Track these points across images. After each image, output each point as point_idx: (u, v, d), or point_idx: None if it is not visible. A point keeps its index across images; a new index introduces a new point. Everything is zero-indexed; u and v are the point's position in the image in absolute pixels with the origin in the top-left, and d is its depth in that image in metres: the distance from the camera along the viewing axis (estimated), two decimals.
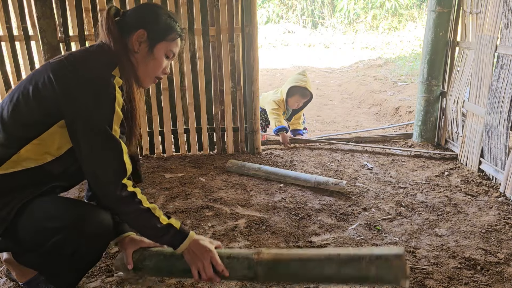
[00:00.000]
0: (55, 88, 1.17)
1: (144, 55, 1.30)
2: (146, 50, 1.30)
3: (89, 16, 2.54)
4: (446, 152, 2.89)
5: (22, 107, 1.20)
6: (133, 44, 1.28)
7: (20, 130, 1.20)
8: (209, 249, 1.27)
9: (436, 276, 1.54)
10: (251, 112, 2.84)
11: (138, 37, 1.28)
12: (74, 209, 1.25)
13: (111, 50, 1.25)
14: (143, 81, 1.34)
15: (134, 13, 1.33)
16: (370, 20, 12.06)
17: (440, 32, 2.87)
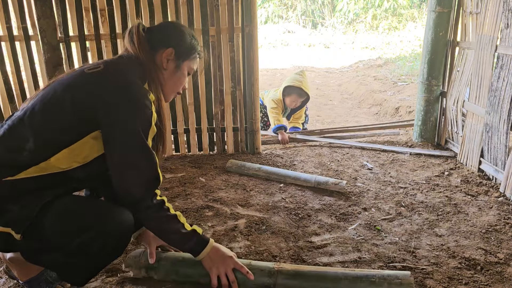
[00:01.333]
0: (95, 98, 1.20)
1: (171, 72, 1.38)
2: (173, 68, 1.38)
3: (89, 16, 2.54)
4: (446, 152, 2.89)
5: (58, 116, 1.21)
6: (162, 61, 1.35)
7: (53, 138, 1.20)
8: (231, 255, 1.35)
9: (436, 276, 1.54)
10: (251, 112, 2.84)
11: (167, 55, 1.35)
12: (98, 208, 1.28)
13: (142, 65, 1.31)
14: (167, 96, 1.41)
15: (162, 30, 1.41)
16: (370, 20, 12.06)
17: (440, 32, 2.87)
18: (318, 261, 1.64)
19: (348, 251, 1.70)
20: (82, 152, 1.23)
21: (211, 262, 1.33)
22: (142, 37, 1.33)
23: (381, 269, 1.58)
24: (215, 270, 1.33)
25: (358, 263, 1.62)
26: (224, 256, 1.34)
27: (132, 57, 1.33)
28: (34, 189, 1.21)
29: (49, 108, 1.21)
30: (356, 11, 12.38)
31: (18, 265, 1.39)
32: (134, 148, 1.22)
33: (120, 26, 2.55)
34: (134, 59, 1.32)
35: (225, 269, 1.32)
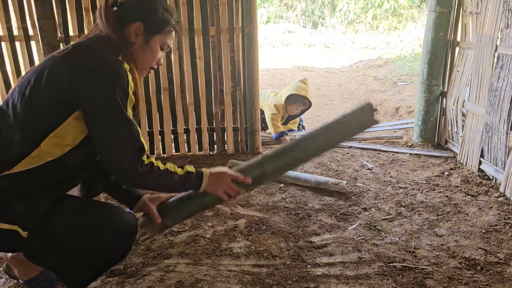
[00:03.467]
0: (70, 77, 1.20)
1: (140, 47, 1.35)
2: (142, 42, 1.35)
3: (89, 16, 2.54)
4: (446, 152, 2.89)
5: (37, 102, 1.21)
6: (130, 36, 1.33)
7: (36, 125, 1.21)
8: (223, 171, 1.41)
9: (436, 276, 1.54)
10: (251, 112, 2.84)
11: (135, 29, 1.32)
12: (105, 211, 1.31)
13: (111, 40, 1.30)
14: (140, 71, 1.40)
15: (132, 4, 1.36)
16: (370, 20, 12.06)
17: (440, 32, 2.87)
18: (318, 261, 1.64)
19: (348, 251, 1.70)
20: (68, 134, 1.23)
21: (213, 187, 1.40)
22: (110, 13, 1.32)
23: (381, 269, 1.58)
24: (220, 190, 1.40)
25: (358, 263, 1.62)
26: (220, 175, 1.41)
27: (101, 35, 1.32)
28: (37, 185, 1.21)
29: (27, 97, 1.21)
30: (356, 11, 12.38)
31: (19, 264, 1.39)
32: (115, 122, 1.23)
33: None
34: (104, 36, 1.31)
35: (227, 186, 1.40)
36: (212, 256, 1.67)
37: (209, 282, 1.49)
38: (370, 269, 1.58)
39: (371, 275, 1.55)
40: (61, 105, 1.21)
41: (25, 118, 1.21)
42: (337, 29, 12.45)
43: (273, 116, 3.30)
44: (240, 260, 1.64)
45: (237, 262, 1.63)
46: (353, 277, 1.54)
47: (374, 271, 1.57)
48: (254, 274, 1.55)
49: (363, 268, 1.59)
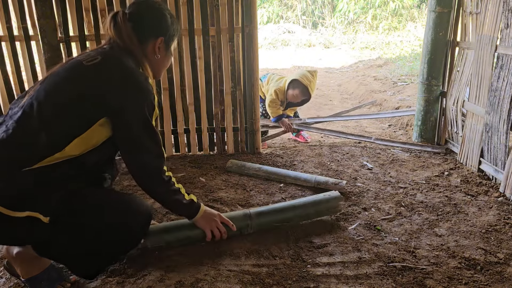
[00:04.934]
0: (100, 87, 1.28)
1: (162, 57, 1.50)
2: (164, 53, 1.50)
3: (89, 16, 2.54)
4: (446, 152, 2.89)
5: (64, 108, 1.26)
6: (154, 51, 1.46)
7: (62, 130, 1.26)
8: (217, 213, 1.63)
9: (436, 276, 1.54)
10: (251, 112, 2.84)
11: (158, 44, 1.46)
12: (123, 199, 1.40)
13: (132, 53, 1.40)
14: (158, 75, 1.56)
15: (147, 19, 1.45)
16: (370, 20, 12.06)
17: (440, 32, 2.87)
18: (318, 261, 1.64)
19: (348, 251, 1.70)
20: (92, 139, 1.30)
21: (203, 222, 1.59)
22: (129, 29, 1.39)
23: (381, 269, 1.59)
24: (208, 226, 1.59)
25: (358, 263, 1.62)
26: (212, 215, 1.61)
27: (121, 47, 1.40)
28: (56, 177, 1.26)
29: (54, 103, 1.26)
30: (356, 11, 12.38)
31: (22, 261, 1.40)
32: (143, 132, 1.34)
33: None
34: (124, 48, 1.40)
35: (215, 224, 1.60)
36: (212, 256, 1.67)
37: (209, 282, 1.49)
38: (370, 269, 1.58)
39: (371, 275, 1.55)
40: (89, 113, 1.28)
41: (53, 122, 1.25)
42: (337, 29, 12.45)
43: (271, 103, 3.38)
44: (240, 260, 1.64)
45: (237, 262, 1.63)
46: (353, 277, 1.54)
47: (374, 271, 1.57)
48: (254, 274, 1.55)
49: (363, 268, 1.59)
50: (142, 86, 1.32)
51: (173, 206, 1.54)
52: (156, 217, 1.95)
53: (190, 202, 1.54)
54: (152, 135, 1.36)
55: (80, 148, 1.28)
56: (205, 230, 1.60)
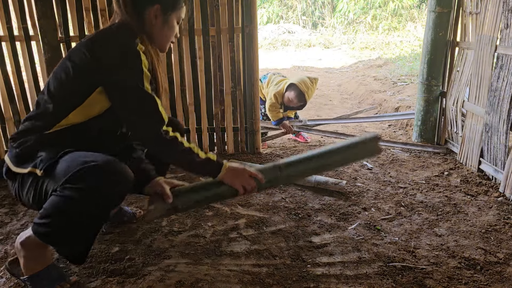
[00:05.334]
0: (89, 58, 1.37)
1: (160, 26, 1.48)
2: (161, 22, 1.48)
3: (89, 16, 2.54)
4: (446, 152, 2.89)
5: (65, 81, 1.40)
6: (150, 19, 1.46)
7: (65, 100, 1.41)
8: (242, 167, 1.57)
9: (436, 276, 1.54)
10: (251, 112, 2.84)
11: (154, 12, 1.45)
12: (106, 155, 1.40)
13: (129, 24, 1.44)
14: (162, 47, 1.54)
15: None
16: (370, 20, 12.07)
17: (440, 32, 2.87)
18: (318, 261, 1.64)
19: (348, 251, 1.71)
20: (93, 107, 1.42)
21: (231, 178, 1.54)
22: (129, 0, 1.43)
23: (381, 269, 1.59)
24: (237, 182, 1.54)
25: (358, 263, 1.63)
26: (239, 170, 1.55)
27: (121, 20, 1.45)
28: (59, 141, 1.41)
29: (57, 77, 1.42)
30: (356, 11, 12.38)
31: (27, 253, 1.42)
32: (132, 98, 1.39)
33: None
34: (124, 20, 1.44)
35: (244, 179, 1.54)
36: (212, 256, 1.67)
37: (209, 282, 1.50)
38: (370, 269, 1.59)
39: (371, 274, 1.55)
40: (84, 83, 1.39)
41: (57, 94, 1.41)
42: (337, 29, 12.46)
43: (271, 107, 3.39)
44: (240, 260, 1.64)
45: (237, 262, 1.63)
46: (353, 276, 1.54)
47: (374, 271, 1.57)
48: (254, 274, 1.55)
49: (363, 268, 1.59)
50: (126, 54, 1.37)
51: (189, 166, 1.52)
52: None
53: (206, 160, 1.50)
54: (146, 101, 1.40)
55: (83, 116, 1.41)
56: (234, 186, 1.54)
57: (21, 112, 2.61)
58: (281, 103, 3.42)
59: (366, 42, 10.73)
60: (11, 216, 2.10)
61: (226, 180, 1.54)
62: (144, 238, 1.80)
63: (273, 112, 3.39)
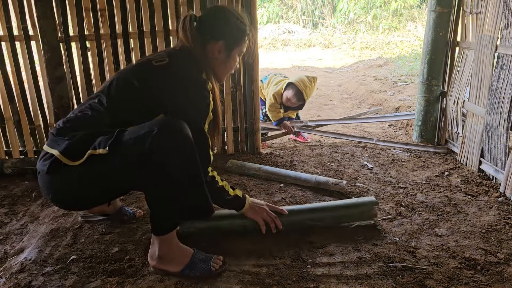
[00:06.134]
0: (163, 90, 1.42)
1: (223, 61, 1.55)
2: (224, 57, 1.55)
3: (89, 16, 2.54)
4: (446, 152, 2.89)
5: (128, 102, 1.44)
6: (213, 53, 1.52)
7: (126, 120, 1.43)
8: (264, 202, 1.76)
9: (436, 276, 1.54)
10: (251, 112, 2.84)
11: (218, 47, 1.52)
12: None
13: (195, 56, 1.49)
14: (221, 79, 1.62)
15: (211, 22, 1.54)
16: (370, 20, 12.06)
17: (440, 32, 2.87)
18: (318, 261, 1.64)
19: (348, 251, 1.70)
20: None
21: (252, 213, 1.71)
22: (193, 30, 1.48)
23: (381, 269, 1.59)
24: (259, 216, 1.71)
25: (358, 263, 1.62)
26: (259, 205, 1.74)
27: (187, 49, 1.50)
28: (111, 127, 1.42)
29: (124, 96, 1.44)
30: (356, 11, 12.38)
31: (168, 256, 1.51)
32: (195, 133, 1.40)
33: (120, 26, 2.55)
34: (190, 50, 1.49)
35: (265, 212, 1.72)
36: None
37: (209, 282, 1.49)
38: (370, 269, 1.58)
39: (371, 275, 1.55)
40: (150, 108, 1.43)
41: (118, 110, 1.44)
42: (337, 29, 12.45)
43: (270, 107, 3.40)
44: (240, 260, 1.64)
45: (237, 262, 1.63)
46: (353, 277, 1.54)
47: (374, 271, 1.57)
48: (254, 274, 1.55)
49: (363, 268, 1.59)
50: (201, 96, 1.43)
51: (219, 202, 1.65)
52: None
53: (235, 197, 1.66)
54: (202, 139, 1.46)
55: None
56: (256, 220, 1.71)
57: (20, 112, 2.61)
58: (281, 103, 3.42)
59: (367, 42, 10.72)
60: (11, 216, 2.10)
61: (247, 214, 1.71)
62: (144, 238, 1.80)
63: (273, 112, 3.39)
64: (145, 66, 1.49)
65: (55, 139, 1.42)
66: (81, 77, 2.61)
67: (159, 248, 1.50)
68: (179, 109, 1.42)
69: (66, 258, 1.66)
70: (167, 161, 1.33)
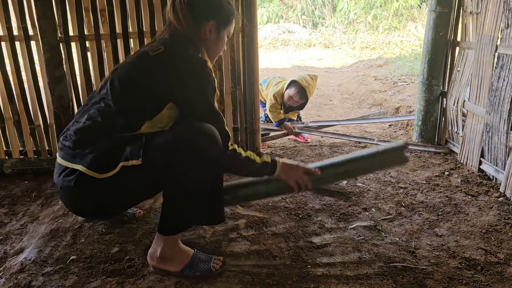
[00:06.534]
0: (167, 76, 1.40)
1: (213, 41, 1.54)
2: (215, 37, 1.54)
3: (89, 16, 2.53)
4: (446, 152, 2.89)
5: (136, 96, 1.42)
6: (205, 33, 1.51)
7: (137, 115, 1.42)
8: (296, 164, 1.68)
9: (436, 276, 1.54)
10: (251, 112, 2.83)
11: (209, 27, 1.51)
12: None
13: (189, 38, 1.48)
14: (212, 60, 1.58)
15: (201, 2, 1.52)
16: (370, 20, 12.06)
17: (441, 32, 2.86)
18: (318, 261, 1.64)
19: (348, 251, 1.70)
20: (162, 120, 1.44)
21: (286, 175, 1.64)
22: (185, 12, 1.47)
23: (381, 269, 1.58)
24: (292, 179, 1.65)
25: (358, 263, 1.62)
26: (293, 167, 1.66)
27: (180, 33, 1.48)
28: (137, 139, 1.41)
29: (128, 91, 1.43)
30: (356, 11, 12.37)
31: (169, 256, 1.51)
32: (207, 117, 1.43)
33: (120, 26, 2.55)
34: (182, 33, 1.48)
35: (298, 176, 1.66)
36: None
37: (209, 282, 1.49)
38: (370, 269, 1.58)
39: (371, 275, 1.55)
40: (158, 99, 1.42)
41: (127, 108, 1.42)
42: (337, 29, 12.45)
43: (271, 108, 3.39)
44: (240, 260, 1.64)
45: (237, 262, 1.63)
46: (353, 277, 1.54)
47: (374, 271, 1.57)
48: (254, 274, 1.55)
49: (363, 268, 1.59)
50: (205, 74, 1.42)
51: (249, 173, 1.64)
52: None
53: (263, 164, 1.60)
54: (216, 118, 1.45)
55: (152, 129, 1.43)
56: (288, 182, 1.66)
57: (20, 112, 2.61)
58: (281, 104, 3.41)
59: (367, 41, 10.72)
60: (11, 216, 2.10)
61: (282, 176, 1.64)
62: (144, 238, 1.80)
63: (274, 113, 3.38)
64: (143, 59, 1.46)
65: (74, 153, 1.39)
66: (81, 77, 2.61)
67: (163, 248, 1.50)
68: (187, 93, 1.42)
69: (66, 258, 1.66)
70: (191, 170, 1.38)
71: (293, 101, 3.35)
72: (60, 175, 1.40)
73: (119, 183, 1.36)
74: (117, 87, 1.44)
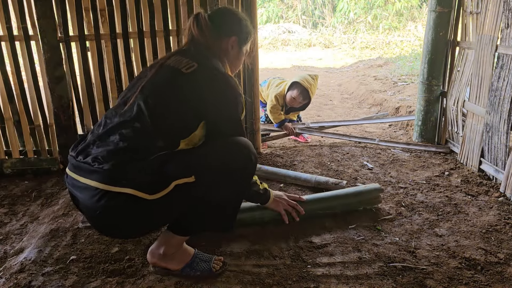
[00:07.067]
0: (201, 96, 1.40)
1: (234, 56, 1.61)
2: (236, 52, 1.60)
3: (89, 16, 2.53)
4: (446, 152, 2.89)
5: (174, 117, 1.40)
6: (227, 48, 1.57)
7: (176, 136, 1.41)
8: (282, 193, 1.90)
9: (437, 276, 1.54)
10: (251, 112, 2.84)
11: (232, 42, 1.57)
12: None
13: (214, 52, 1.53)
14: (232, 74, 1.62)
15: (224, 19, 1.61)
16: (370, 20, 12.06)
17: (441, 32, 2.86)
18: (318, 261, 1.64)
19: (348, 251, 1.70)
20: (195, 138, 1.46)
21: (275, 204, 1.82)
22: (209, 27, 1.52)
23: (381, 269, 1.58)
24: (280, 207, 1.84)
25: (358, 263, 1.62)
26: (281, 197, 1.86)
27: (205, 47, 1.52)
28: None
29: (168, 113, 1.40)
30: (356, 11, 12.37)
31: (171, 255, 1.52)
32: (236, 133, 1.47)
33: (120, 26, 2.55)
34: (207, 47, 1.52)
35: (286, 203, 1.86)
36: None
37: (209, 282, 1.49)
38: (370, 269, 1.58)
39: (371, 275, 1.55)
40: (195, 118, 1.43)
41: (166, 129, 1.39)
42: (337, 29, 12.45)
43: (272, 109, 3.39)
44: (240, 260, 1.64)
45: (237, 262, 1.63)
46: (353, 277, 1.54)
47: (374, 271, 1.57)
48: (254, 274, 1.55)
49: (363, 268, 1.59)
50: (236, 93, 1.45)
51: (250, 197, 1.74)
52: None
53: (264, 192, 1.75)
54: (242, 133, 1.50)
55: (187, 146, 1.44)
56: (278, 211, 1.83)
57: (20, 112, 2.61)
58: (283, 105, 3.42)
59: (367, 41, 10.72)
60: (11, 216, 2.10)
61: (271, 206, 1.82)
62: (144, 238, 1.80)
63: (275, 114, 3.38)
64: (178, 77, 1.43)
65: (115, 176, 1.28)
66: (81, 77, 2.61)
67: (167, 246, 1.51)
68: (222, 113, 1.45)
69: (66, 258, 1.66)
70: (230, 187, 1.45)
71: (296, 102, 3.35)
72: (100, 200, 1.27)
73: (171, 201, 1.32)
74: (154, 107, 1.38)
